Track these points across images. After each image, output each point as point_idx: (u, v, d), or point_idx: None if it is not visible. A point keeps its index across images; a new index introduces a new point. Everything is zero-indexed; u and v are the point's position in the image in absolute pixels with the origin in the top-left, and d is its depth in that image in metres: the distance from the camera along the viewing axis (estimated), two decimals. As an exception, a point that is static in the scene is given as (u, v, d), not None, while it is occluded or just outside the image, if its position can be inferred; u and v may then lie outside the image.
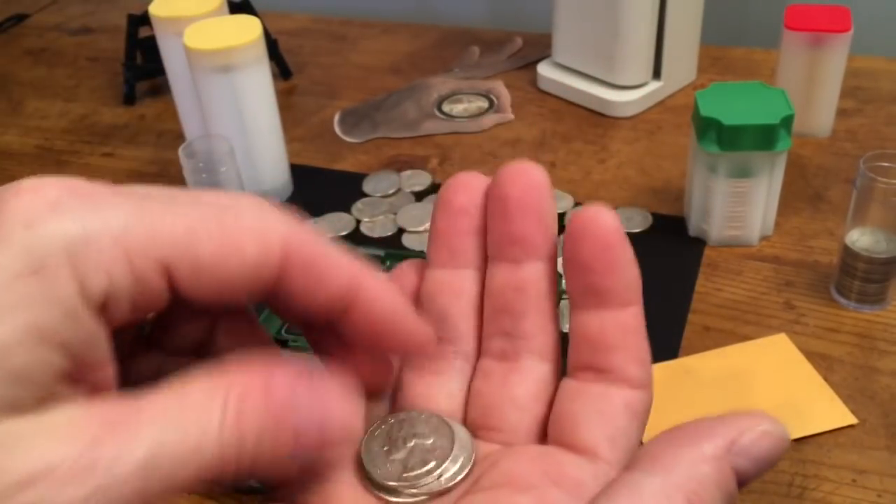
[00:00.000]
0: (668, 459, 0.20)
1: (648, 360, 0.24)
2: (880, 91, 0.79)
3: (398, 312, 0.23)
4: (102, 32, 1.05)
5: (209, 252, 0.19)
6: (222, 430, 0.18)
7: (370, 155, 0.77)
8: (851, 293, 0.56)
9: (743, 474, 0.20)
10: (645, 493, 0.19)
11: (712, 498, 0.20)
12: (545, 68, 0.84)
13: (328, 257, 0.21)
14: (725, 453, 0.20)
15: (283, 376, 0.19)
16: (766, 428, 0.21)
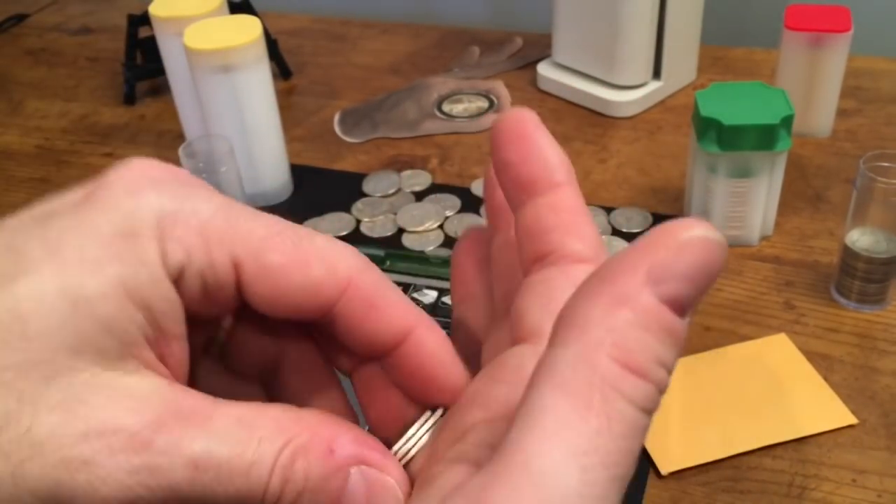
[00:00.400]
0: (579, 320, 0.16)
1: (592, 234, 0.21)
2: (880, 91, 0.79)
3: (444, 362, 0.22)
4: (102, 32, 1.05)
5: (278, 261, 0.21)
6: (275, 466, 0.19)
7: (370, 155, 0.77)
8: (851, 293, 0.56)
9: (679, 299, 0.16)
10: (562, 370, 0.16)
11: (644, 344, 0.16)
12: (545, 68, 0.84)
13: (389, 295, 0.22)
14: (642, 286, 0.16)
15: (348, 443, 0.20)
16: (684, 237, 0.16)
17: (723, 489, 0.46)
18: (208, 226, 0.20)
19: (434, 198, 0.70)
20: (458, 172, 0.74)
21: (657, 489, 0.47)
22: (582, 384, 0.16)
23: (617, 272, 0.16)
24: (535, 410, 0.16)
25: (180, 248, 0.20)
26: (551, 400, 0.16)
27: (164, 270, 0.19)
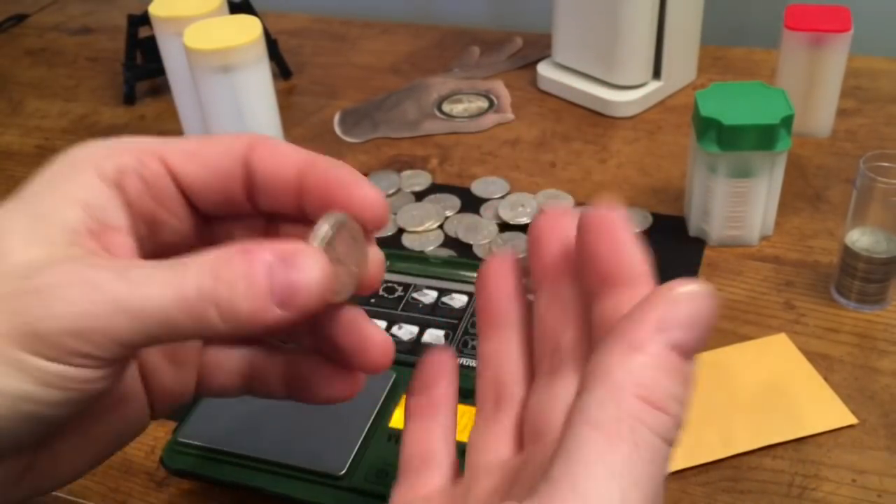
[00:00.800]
0: (601, 368, 0.19)
1: None
2: (880, 91, 0.79)
3: (350, 180, 0.26)
4: (102, 32, 1.05)
5: (186, 146, 0.27)
6: (201, 275, 0.22)
7: (370, 155, 0.77)
8: (851, 293, 0.56)
9: (685, 346, 0.19)
10: (593, 410, 0.19)
11: (659, 383, 0.19)
12: (545, 68, 0.84)
13: (287, 146, 0.27)
14: (654, 335, 0.19)
15: (263, 247, 0.23)
16: (685, 291, 0.20)
17: (723, 489, 0.46)
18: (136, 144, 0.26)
19: (434, 198, 0.70)
20: (458, 172, 0.74)
21: (657, 489, 0.47)
22: (611, 419, 0.19)
23: (628, 327, 0.20)
24: (574, 445, 0.19)
25: (111, 161, 0.26)
26: (587, 435, 0.19)
27: (99, 179, 0.25)
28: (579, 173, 0.72)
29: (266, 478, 0.46)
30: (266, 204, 0.27)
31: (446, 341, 0.55)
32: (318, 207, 0.26)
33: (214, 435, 0.48)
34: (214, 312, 0.22)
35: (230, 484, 0.47)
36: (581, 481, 0.18)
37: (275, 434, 0.48)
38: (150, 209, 0.27)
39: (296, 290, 0.22)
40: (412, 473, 0.27)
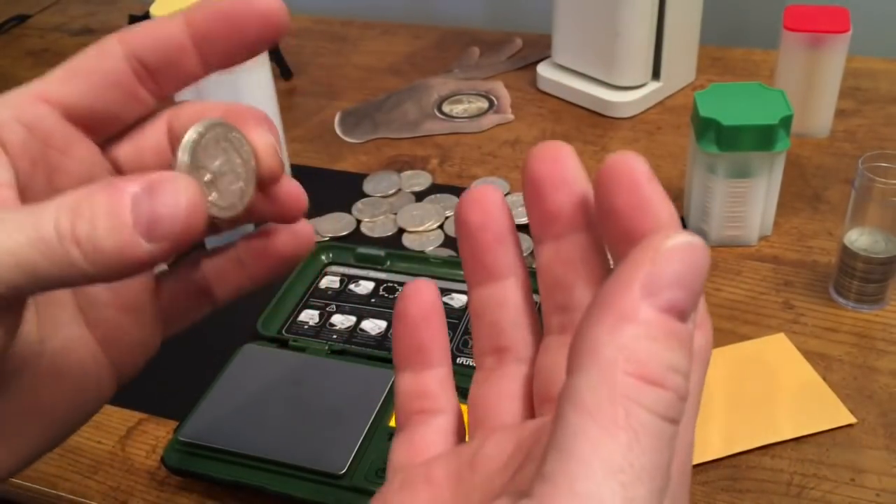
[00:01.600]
0: (588, 345, 0.17)
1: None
2: (879, 91, 0.79)
3: (237, 2, 0.25)
4: (103, 33, 1.04)
5: (62, 71, 0.25)
6: (59, 213, 0.20)
7: (370, 155, 0.77)
8: (850, 293, 0.56)
9: (676, 306, 0.17)
10: (584, 394, 0.17)
11: (655, 354, 0.17)
12: (545, 69, 0.84)
13: (157, 19, 0.26)
14: (639, 301, 0.17)
15: (129, 178, 0.21)
16: (671, 245, 0.17)
17: (722, 488, 0.47)
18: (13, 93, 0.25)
19: (434, 198, 0.70)
20: (458, 173, 0.74)
21: (656, 488, 0.47)
22: (604, 404, 0.16)
23: (613, 294, 0.17)
24: (568, 437, 0.16)
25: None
26: (580, 425, 0.16)
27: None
28: (579, 174, 0.72)
29: (267, 477, 0.47)
30: (169, 83, 0.26)
31: (446, 341, 0.55)
32: (222, 48, 0.25)
33: (215, 434, 0.49)
34: (77, 253, 0.20)
35: (231, 483, 0.47)
36: (579, 481, 0.16)
37: (275, 433, 0.48)
38: (40, 154, 0.25)
39: (160, 220, 0.20)
40: (411, 424, 0.25)
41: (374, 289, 0.60)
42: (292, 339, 0.56)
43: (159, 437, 0.52)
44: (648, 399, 0.16)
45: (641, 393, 0.16)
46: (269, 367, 0.53)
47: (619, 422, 0.16)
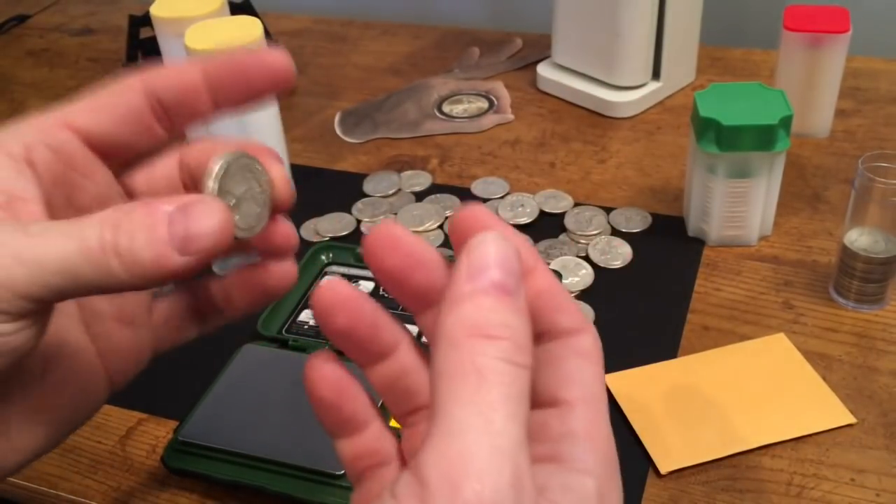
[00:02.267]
0: (439, 329, 0.21)
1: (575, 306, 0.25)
2: (879, 91, 0.79)
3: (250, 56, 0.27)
4: (104, 33, 1.06)
5: (87, 103, 0.27)
6: (102, 226, 0.23)
7: (370, 155, 0.77)
8: (850, 293, 0.56)
9: (499, 282, 0.21)
10: (440, 362, 0.21)
11: (485, 317, 0.21)
12: (545, 69, 0.84)
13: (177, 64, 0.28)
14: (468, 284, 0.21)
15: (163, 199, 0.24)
16: (476, 240, 0.22)
17: (722, 488, 0.47)
18: (40, 118, 0.27)
19: (434, 198, 0.70)
20: (458, 173, 0.74)
21: (656, 488, 0.47)
22: (454, 362, 0.20)
23: (450, 289, 0.22)
24: (437, 399, 0.20)
25: (17, 140, 0.26)
26: (443, 385, 0.20)
27: (6, 157, 0.25)
28: (579, 173, 0.72)
29: (266, 477, 0.47)
30: (182, 121, 0.28)
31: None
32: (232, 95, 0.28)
33: (215, 434, 0.49)
34: (117, 262, 0.23)
35: (231, 483, 0.47)
36: (447, 425, 0.19)
37: (275, 433, 0.48)
38: (62, 175, 0.27)
39: (193, 236, 0.23)
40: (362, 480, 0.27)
41: (375, 289, 0.60)
42: (292, 339, 0.56)
43: (159, 437, 0.52)
44: (489, 349, 0.20)
45: (481, 345, 0.20)
46: (269, 367, 0.53)
47: (468, 369, 0.20)
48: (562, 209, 0.67)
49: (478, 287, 0.21)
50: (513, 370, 0.20)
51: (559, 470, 0.23)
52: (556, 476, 0.22)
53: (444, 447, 0.19)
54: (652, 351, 0.54)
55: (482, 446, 0.19)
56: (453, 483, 0.19)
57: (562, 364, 0.24)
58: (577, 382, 0.24)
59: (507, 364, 0.20)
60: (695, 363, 0.54)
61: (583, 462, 0.23)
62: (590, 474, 0.23)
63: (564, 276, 0.60)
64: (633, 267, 0.62)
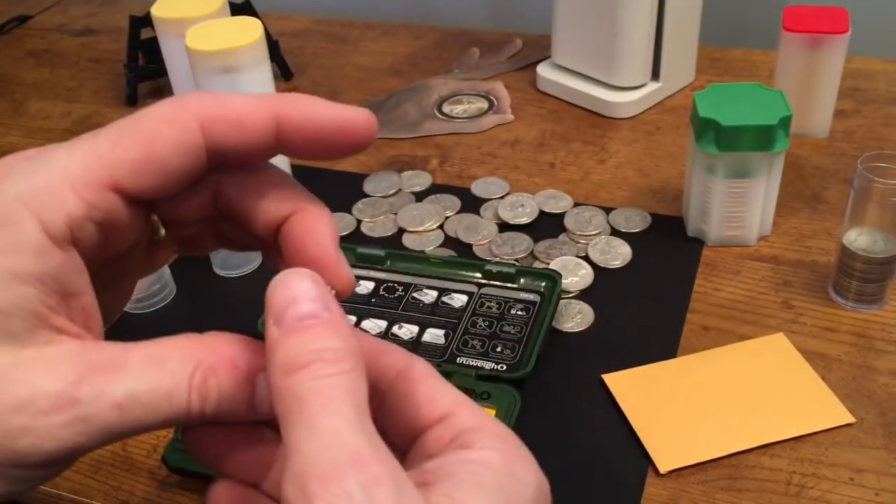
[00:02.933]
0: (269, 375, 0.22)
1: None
2: (878, 92, 0.79)
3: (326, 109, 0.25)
4: (104, 34, 1.06)
5: (136, 152, 0.23)
6: (191, 389, 0.22)
7: (371, 155, 0.77)
8: (849, 293, 0.56)
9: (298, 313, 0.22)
10: (277, 406, 0.22)
11: (296, 350, 0.22)
12: (545, 69, 0.85)
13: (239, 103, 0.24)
14: (276, 328, 0.22)
15: (248, 357, 0.24)
16: (272, 284, 0.23)
17: (721, 487, 0.47)
18: (66, 177, 0.22)
19: (434, 198, 0.71)
20: (458, 173, 0.74)
21: (656, 487, 0.47)
22: (281, 403, 0.21)
23: (267, 339, 0.22)
24: (283, 439, 0.21)
25: (56, 211, 0.22)
26: (281, 425, 0.21)
27: (49, 240, 0.22)
28: (578, 174, 0.72)
29: (267, 476, 0.47)
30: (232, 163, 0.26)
31: (446, 341, 0.56)
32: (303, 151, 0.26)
33: (216, 433, 0.49)
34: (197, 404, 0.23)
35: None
36: (289, 452, 0.21)
37: (276, 433, 0.48)
38: (105, 242, 0.24)
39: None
40: None
41: (375, 289, 0.60)
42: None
43: (160, 437, 0.53)
44: (298, 380, 0.21)
45: (292, 381, 0.21)
46: (269, 366, 0.53)
47: (289, 403, 0.21)
48: (561, 209, 0.68)
49: (283, 329, 0.22)
50: (327, 382, 0.21)
51: (459, 451, 0.23)
52: (456, 457, 0.23)
53: (289, 467, 0.20)
54: (651, 351, 0.55)
55: (317, 453, 0.20)
56: (304, 492, 0.20)
57: (418, 391, 0.25)
58: (441, 395, 0.25)
59: (319, 380, 0.21)
60: (694, 363, 0.54)
61: (480, 441, 0.23)
62: (491, 448, 0.23)
63: (564, 275, 0.60)
64: (633, 267, 0.62)
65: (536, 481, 0.23)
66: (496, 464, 0.23)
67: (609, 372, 0.53)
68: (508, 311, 0.57)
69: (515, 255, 0.64)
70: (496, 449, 0.23)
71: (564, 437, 0.50)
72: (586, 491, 0.47)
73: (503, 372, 0.53)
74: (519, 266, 0.60)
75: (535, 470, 0.24)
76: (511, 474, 0.23)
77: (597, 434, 0.50)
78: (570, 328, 0.57)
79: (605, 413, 0.51)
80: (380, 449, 0.21)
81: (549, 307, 0.56)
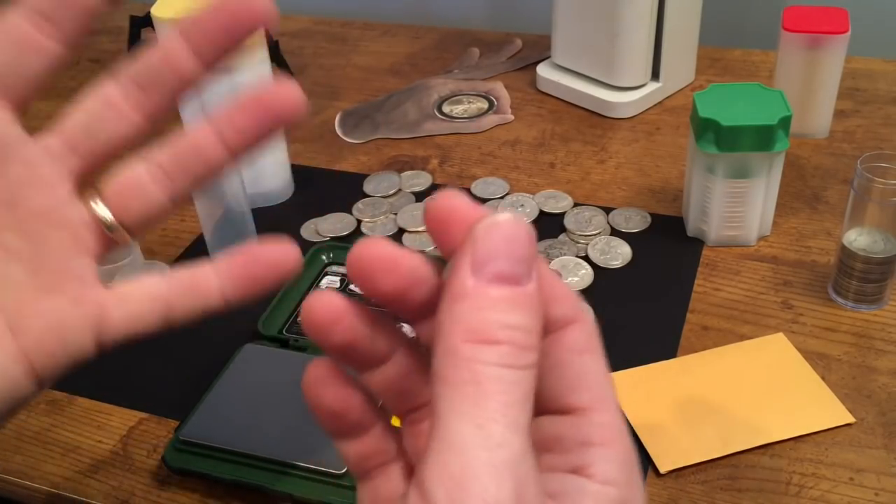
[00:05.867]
0: (438, 326, 0.20)
1: (569, 294, 0.23)
2: (878, 92, 0.80)
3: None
4: (105, 34, 1.06)
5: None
6: None
7: (371, 155, 0.78)
8: (849, 293, 0.56)
9: (505, 273, 0.20)
10: (438, 368, 0.20)
11: (484, 320, 0.20)
12: (544, 69, 0.85)
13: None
14: (471, 277, 0.20)
15: None
16: (485, 225, 0.20)
17: (721, 487, 0.47)
18: None
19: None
20: (458, 173, 0.74)
21: (656, 487, 0.47)
22: (451, 369, 0.20)
23: (451, 279, 0.20)
24: (437, 408, 0.20)
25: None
26: (442, 394, 0.20)
27: None
28: (578, 174, 0.72)
29: (267, 476, 0.47)
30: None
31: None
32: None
33: (216, 433, 0.49)
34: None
35: (231, 482, 0.47)
36: (448, 438, 0.19)
37: (275, 433, 0.48)
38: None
39: None
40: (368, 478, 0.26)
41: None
42: (293, 338, 0.56)
43: (160, 437, 0.53)
44: (486, 356, 0.20)
45: (477, 351, 0.20)
46: (269, 367, 0.53)
47: (465, 378, 0.20)
48: (561, 209, 0.68)
49: (480, 282, 0.20)
50: (513, 375, 0.20)
51: (579, 480, 0.22)
52: (575, 484, 0.22)
53: (445, 463, 0.19)
54: (651, 351, 0.55)
55: (483, 462, 0.19)
56: (457, 502, 0.19)
57: (566, 367, 0.23)
58: (586, 385, 0.23)
59: (506, 370, 0.20)
60: (694, 363, 0.54)
61: (602, 473, 0.22)
62: (611, 483, 0.22)
63: (564, 276, 0.60)
64: (633, 267, 0.62)
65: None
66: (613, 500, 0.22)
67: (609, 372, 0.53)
68: (508, 311, 0.57)
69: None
70: (615, 485, 0.22)
71: (564, 437, 0.50)
72: (586, 491, 0.47)
73: (503, 372, 0.52)
74: (519, 266, 0.60)
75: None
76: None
77: (597, 434, 0.50)
78: (569, 328, 0.57)
79: (605, 413, 0.51)
80: (537, 483, 0.20)
81: (548, 307, 0.56)
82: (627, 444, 0.23)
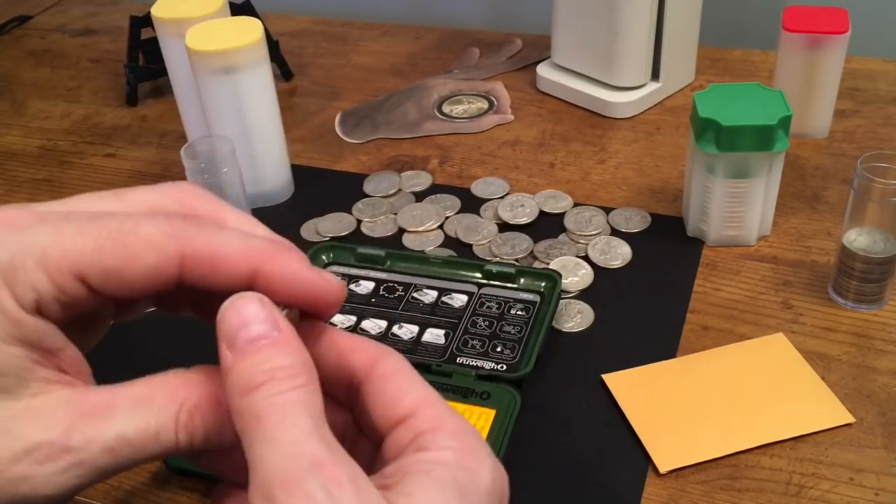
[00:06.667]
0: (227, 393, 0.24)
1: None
2: (878, 92, 0.80)
3: (303, 276, 0.26)
4: (105, 34, 1.06)
5: (113, 264, 0.25)
6: (177, 427, 0.24)
7: (371, 155, 0.78)
8: (849, 293, 0.57)
9: (249, 335, 0.24)
10: (238, 423, 0.23)
11: (250, 370, 0.23)
12: (544, 69, 0.85)
13: (224, 247, 0.25)
14: (229, 352, 0.24)
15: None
16: (224, 307, 0.24)
17: (721, 487, 0.47)
18: (43, 260, 0.24)
19: (434, 198, 0.71)
20: (458, 173, 0.74)
21: (656, 487, 0.47)
22: (241, 420, 0.23)
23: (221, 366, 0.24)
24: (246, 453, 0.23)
25: (28, 288, 0.24)
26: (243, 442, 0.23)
27: (22, 310, 0.24)
28: (578, 174, 0.72)
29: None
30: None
31: (446, 341, 0.56)
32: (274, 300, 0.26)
33: (216, 433, 0.49)
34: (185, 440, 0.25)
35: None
36: (251, 464, 0.22)
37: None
38: (72, 314, 0.25)
39: None
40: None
41: (375, 289, 0.60)
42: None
43: (160, 437, 0.53)
44: (255, 397, 0.23)
45: (251, 398, 0.23)
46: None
47: (248, 420, 0.23)
48: (561, 209, 0.68)
49: (236, 352, 0.23)
50: (282, 397, 0.23)
51: (415, 454, 0.24)
52: (411, 459, 0.24)
53: (253, 482, 0.22)
54: (651, 351, 0.55)
55: (278, 463, 0.22)
56: (269, 500, 0.21)
57: (384, 391, 0.26)
58: (404, 395, 0.26)
59: (276, 397, 0.23)
60: (694, 363, 0.54)
61: (435, 443, 0.24)
62: (445, 449, 0.24)
63: (564, 275, 0.60)
64: (633, 267, 0.62)
65: (490, 473, 0.24)
66: (450, 460, 0.24)
67: (609, 372, 0.53)
68: (508, 311, 0.57)
69: (515, 255, 0.64)
70: (450, 448, 0.24)
71: (564, 437, 0.50)
72: (586, 491, 0.47)
73: (503, 372, 0.53)
74: (519, 266, 0.60)
75: (489, 462, 0.25)
76: (464, 468, 0.24)
77: (597, 434, 0.50)
78: (570, 328, 0.57)
79: (605, 413, 0.51)
80: (338, 453, 0.22)
81: (549, 307, 0.56)
82: (462, 424, 0.25)
